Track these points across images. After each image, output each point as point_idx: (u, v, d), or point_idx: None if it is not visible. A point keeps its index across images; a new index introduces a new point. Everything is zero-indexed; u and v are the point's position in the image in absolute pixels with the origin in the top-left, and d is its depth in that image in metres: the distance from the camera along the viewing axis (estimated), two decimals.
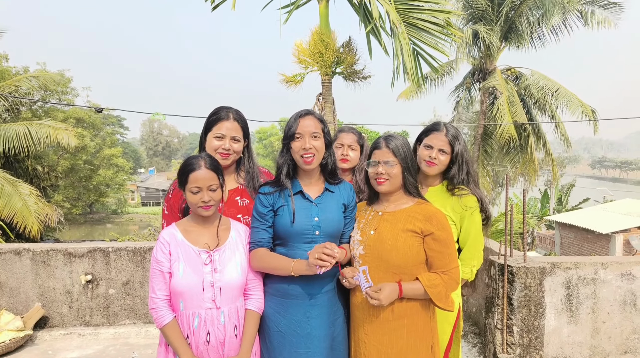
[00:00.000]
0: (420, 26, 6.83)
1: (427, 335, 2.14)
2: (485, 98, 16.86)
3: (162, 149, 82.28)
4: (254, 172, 2.40)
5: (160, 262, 2.01)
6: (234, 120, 2.30)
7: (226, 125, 2.27)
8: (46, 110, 20.31)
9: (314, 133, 2.11)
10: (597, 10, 15.40)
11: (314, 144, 2.10)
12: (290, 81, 8.43)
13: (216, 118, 2.29)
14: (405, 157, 2.13)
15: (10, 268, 4.48)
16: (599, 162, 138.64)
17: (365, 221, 2.22)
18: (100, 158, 28.37)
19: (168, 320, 1.99)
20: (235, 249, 2.11)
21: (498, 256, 3.76)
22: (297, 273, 2.03)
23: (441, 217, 2.12)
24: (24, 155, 13.60)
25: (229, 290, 2.04)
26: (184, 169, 2.04)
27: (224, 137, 2.26)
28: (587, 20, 15.43)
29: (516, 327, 3.56)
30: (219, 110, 2.31)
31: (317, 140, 2.12)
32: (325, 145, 2.17)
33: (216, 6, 7.79)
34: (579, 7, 15.40)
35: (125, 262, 4.58)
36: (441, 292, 2.06)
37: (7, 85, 13.76)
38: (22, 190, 11.40)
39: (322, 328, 2.13)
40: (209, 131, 2.29)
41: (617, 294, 3.95)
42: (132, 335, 4.48)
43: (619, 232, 18.47)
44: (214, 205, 2.03)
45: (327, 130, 2.20)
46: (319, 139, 2.13)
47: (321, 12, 8.06)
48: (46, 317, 4.52)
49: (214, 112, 2.32)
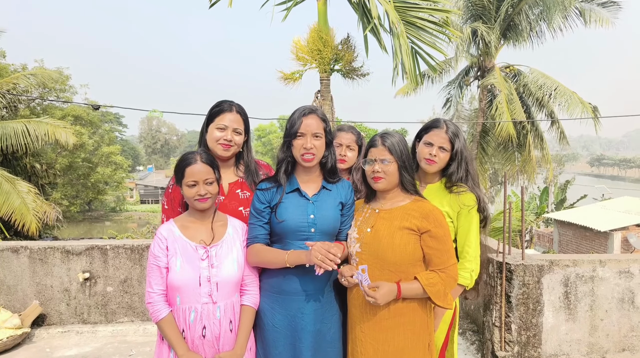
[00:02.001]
0: (419, 25, 6.81)
1: (424, 333, 2.13)
2: (484, 96, 16.86)
3: (160, 147, 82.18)
4: (252, 165, 2.42)
5: (158, 257, 2.03)
6: (236, 113, 2.31)
7: (229, 117, 2.29)
8: (44, 107, 20.26)
9: (315, 133, 2.12)
10: (596, 9, 15.41)
11: (315, 143, 2.11)
12: (289, 78, 8.40)
13: (219, 109, 2.30)
14: (402, 155, 2.12)
15: (8, 266, 4.47)
16: (598, 159, 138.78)
17: (363, 219, 2.21)
18: (98, 156, 28.32)
19: (164, 314, 2.01)
20: (232, 245, 2.13)
21: (496, 254, 3.76)
22: (292, 263, 2.04)
23: (438, 214, 2.11)
24: (22, 152, 13.57)
25: (226, 286, 2.06)
26: (180, 163, 2.07)
27: (226, 129, 2.28)
28: (585, 17, 15.44)
29: (514, 324, 3.57)
30: (222, 103, 2.33)
31: (318, 140, 2.13)
32: (326, 144, 2.18)
33: (213, 3, 7.76)
34: (577, 5, 15.41)
35: (123, 259, 4.57)
36: (440, 290, 2.05)
37: (5, 83, 13.70)
38: (20, 188, 11.36)
39: (316, 324, 2.14)
40: (211, 122, 2.31)
41: (615, 292, 3.95)
42: (130, 333, 4.47)
43: (617, 230, 18.50)
44: (211, 198, 2.06)
45: (329, 129, 2.20)
46: (320, 138, 2.13)
47: (319, 9, 8.03)
48: (44, 314, 4.51)
49: (217, 104, 2.34)
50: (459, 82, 18.22)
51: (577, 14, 15.59)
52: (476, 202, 2.48)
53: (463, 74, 18.07)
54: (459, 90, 18.32)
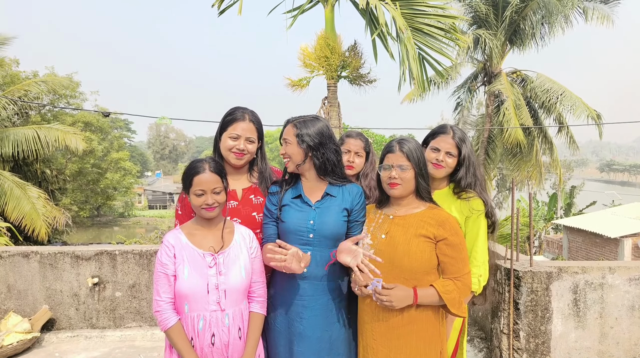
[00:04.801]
0: (426, 31, 6.85)
1: (436, 341, 2.12)
2: (491, 101, 16.80)
3: (169, 153, 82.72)
4: (266, 172, 2.43)
5: (165, 265, 2.03)
6: (249, 121, 2.32)
7: (241, 126, 2.29)
8: (55, 114, 20.52)
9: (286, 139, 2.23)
10: (599, 6, 15.36)
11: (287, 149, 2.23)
12: (296, 85, 8.46)
13: (232, 118, 2.31)
14: (419, 162, 2.11)
15: (19, 271, 4.52)
16: (608, 165, 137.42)
17: (375, 224, 2.19)
18: (107, 161, 28.60)
19: (172, 322, 2.00)
20: (240, 252, 2.12)
21: (504, 260, 3.74)
22: (267, 262, 2.11)
23: (454, 222, 2.09)
24: (33, 158, 13.73)
25: (234, 293, 2.05)
26: (188, 172, 2.06)
27: (238, 138, 2.29)
28: (587, 17, 15.41)
29: (523, 331, 3.54)
30: (235, 111, 2.33)
31: (288, 147, 2.22)
32: (330, 150, 2.21)
33: (222, 11, 7.85)
34: (582, 5, 15.39)
35: (132, 264, 4.60)
36: (455, 298, 2.04)
37: (16, 90, 13.91)
38: (30, 194, 11.51)
39: (316, 330, 2.15)
40: (224, 131, 2.32)
41: (625, 299, 3.91)
42: (138, 338, 4.50)
43: (627, 236, 18.28)
44: (218, 207, 2.06)
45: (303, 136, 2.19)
46: (290, 144, 2.21)
47: (327, 16, 8.10)
48: (53, 319, 4.55)
49: (230, 112, 2.34)
50: (467, 87, 18.19)
51: (580, 12, 15.58)
52: (485, 208, 2.49)
53: (471, 79, 18.04)
54: (469, 94, 18.30)
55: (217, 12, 7.90)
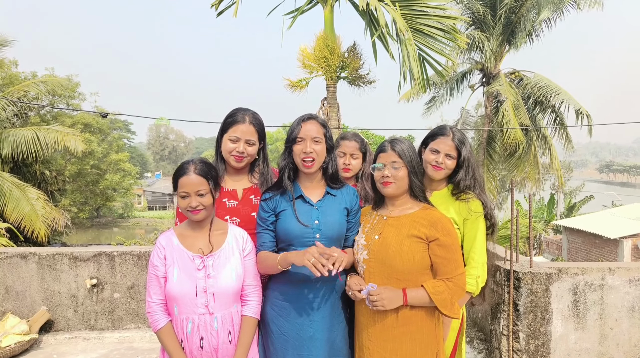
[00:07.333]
0: (426, 32, 6.85)
1: (432, 343, 2.11)
2: (490, 102, 16.80)
3: (168, 154, 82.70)
4: (267, 174, 2.42)
5: (156, 267, 2.02)
6: (249, 124, 2.30)
7: (241, 129, 2.28)
8: (54, 115, 20.50)
9: (315, 137, 2.13)
10: None
11: (315, 148, 2.13)
12: (295, 86, 8.46)
13: (232, 120, 2.30)
14: (412, 160, 2.12)
15: (17, 272, 4.51)
16: (607, 166, 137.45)
17: (370, 225, 2.20)
18: (107, 163, 28.59)
19: (162, 324, 1.99)
20: (231, 255, 2.08)
21: (504, 261, 3.73)
22: (283, 266, 2.03)
23: (446, 223, 2.09)
24: (32, 159, 13.73)
25: (223, 296, 2.02)
26: (175, 173, 2.05)
27: (238, 140, 2.28)
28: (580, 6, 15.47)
29: (522, 333, 3.53)
30: (236, 113, 2.32)
31: (318, 145, 2.14)
32: (326, 150, 2.19)
33: (221, 12, 7.86)
34: None
35: (130, 266, 4.59)
36: (446, 299, 2.03)
37: (16, 91, 13.91)
38: (30, 195, 11.49)
39: (324, 332, 2.13)
40: (225, 133, 2.31)
41: (625, 300, 3.90)
42: (136, 339, 4.48)
43: (627, 237, 18.27)
44: (203, 209, 2.01)
45: (329, 135, 2.21)
46: (320, 143, 2.15)
47: (326, 17, 8.10)
48: (51, 320, 4.54)
49: (231, 114, 2.33)
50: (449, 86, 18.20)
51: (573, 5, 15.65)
52: (483, 209, 2.47)
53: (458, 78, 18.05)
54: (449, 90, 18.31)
55: (216, 14, 7.90)
